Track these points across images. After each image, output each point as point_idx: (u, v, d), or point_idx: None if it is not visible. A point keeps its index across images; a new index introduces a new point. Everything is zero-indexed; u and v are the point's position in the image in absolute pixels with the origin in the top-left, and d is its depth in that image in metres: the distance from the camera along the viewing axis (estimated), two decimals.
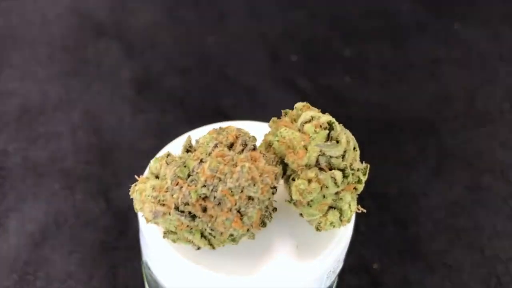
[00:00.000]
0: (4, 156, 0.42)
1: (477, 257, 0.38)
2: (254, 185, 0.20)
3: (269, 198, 0.21)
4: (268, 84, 0.50)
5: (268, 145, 0.23)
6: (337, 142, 0.21)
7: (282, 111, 0.23)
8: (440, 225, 0.40)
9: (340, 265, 0.25)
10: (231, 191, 0.20)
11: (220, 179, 0.20)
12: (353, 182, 0.22)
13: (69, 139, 0.43)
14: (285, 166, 0.22)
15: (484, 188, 0.43)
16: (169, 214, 0.21)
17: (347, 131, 0.22)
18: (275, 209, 0.23)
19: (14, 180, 0.40)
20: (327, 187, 0.21)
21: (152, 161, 0.22)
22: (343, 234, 0.24)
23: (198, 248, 0.22)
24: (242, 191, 0.20)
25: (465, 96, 0.50)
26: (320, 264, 0.23)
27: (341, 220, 0.22)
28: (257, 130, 0.24)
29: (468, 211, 0.41)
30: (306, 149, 0.21)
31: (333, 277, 0.25)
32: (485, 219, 0.41)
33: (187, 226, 0.21)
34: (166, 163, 0.21)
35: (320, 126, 0.21)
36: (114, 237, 0.38)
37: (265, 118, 0.28)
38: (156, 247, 0.23)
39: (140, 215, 0.24)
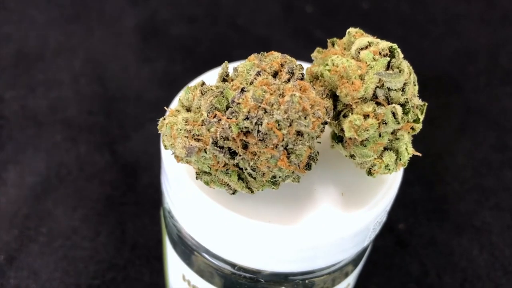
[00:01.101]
0: (0, 104, 0.39)
1: (506, 219, 0.36)
2: (305, 117, 0.17)
3: (318, 136, 0.19)
4: (282, 35, 0.47)
5: (314, 78, 0.20)
6: (399, 71, 0.18)
7: (328, 40, 0.21)
8: (467, 185, 0.38)
9: (385, 217, 0.22)
10: (279, 125, 0.17)
11: (265, 111, 0.17)
12: (411, 120, 0.19)
13: (70, 87, 0.40)
14: (334, 101, 0.19)
15: (511, 148, 0.41)
16: (205, 151, 0.18)
17: (407, 62, 0.19)
18: (317, 153, 0.20)
19: (12, 129, 0.37)
20: (385, 123, 0.18)
21: (183, 91, 0.19)
22: (393, 181, 0.21)
23: (234, 193, 0.19)
24: (291, 125, 0.17)
25: (488, 53, 0.48)
26: (367, 214, 0.20)
27: (396, 164, 0.19)
28: None
29: (495, 171, 0.39)
30: (363, 79, 0.18)
31: (378, 229, 0.22)
32: None
33: (224, 165, 0.18)
34: (201, 92, 0.18)
35: (380, 53, 0.18)
36: (121, 192, 0.35)
37: None
38: (183, 191, 0.20)
39: (165, 154, 0.21)
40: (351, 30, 0.19)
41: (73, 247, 0.32)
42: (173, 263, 0.25)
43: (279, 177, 0.18)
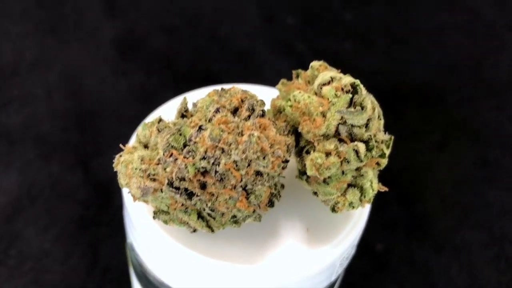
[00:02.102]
0: None
1: (485, 237, 0.36)
2: (264, 158, 0.17)
3: (279, 174, 0.18)
4: (263, 47, 0.46)
5: (277, 111, 0.19)
6: (362, 108, 0.17)
7: (293, 71, 0.20)
8: (447, 202, 0.38)
9: (353, 251, 0.22)
10: (236, 165, 0.17)
11: (223, 150, 0.17)
12: (376, 156, 0.18)
13: (45, 102, 0.39)
14: (297, 136, 0.19)
15: (492, 164, 0.40)
16: (161, 191, 0.17)
17: (371, 96, 0.19)
18: (282, 186, 0.20)
19: None
20: (348, 161, 0.17)
21: (140, 127, 0.18)
22: (360, 216, 0.21)
23: (194, 231, 0.19)
24: (249, 165, 0.17)
25: (471, 65, 0.47)
26: (333, 250, 0.20)
27: (361, 201, 0.19)
28: (260, 94, 0.21)
29: (475, 187, 0.39)
30: (324, 116, 0.18)
31: (346, 263, 0.22)
32: (494, 197, 0.38)
33: (182, 205, 0.18)
34: (158, 130, 0.18)
35: (342, 89, 0.18)
36: (94, 212, 0.34)
37: (259, 83, 0.25)
38: (143, 228, 0.20)
39: (125, 191, 0.20)
40: (314, 63, 0.19)
41: (43, 270, 0.31)
42: None
43: (240, 216, 0.18)
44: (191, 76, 0.44)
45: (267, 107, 0.19)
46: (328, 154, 0.18)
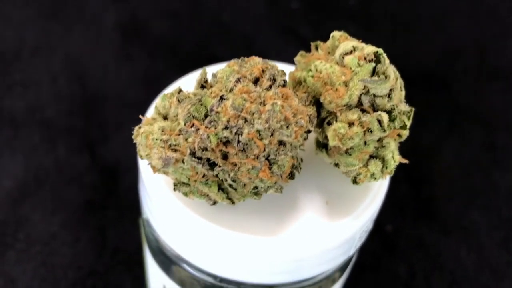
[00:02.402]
0: None
1: (494, 219, 0.36)
2: (287, 127, 0.16)
3: (301, 144, 0.18)
4: (267, 32, 0.46)
5: (297, 83, 0.19)
6: (385, 77, 0.17)
7: (312, 43, 0.20)
8: (455, 185, 0.37)
9: (371, 225, 0.22)
10: (260, 134, 0.16)
11: (246, 120, 0.16)
12: (398, 127, 0.18)
13: (49, 87, 0.39)
14: (318, 107, 0.19)
15: (499, 147, 0.40)
16: (183, 161, 0.17)
17: (393, 67, 0.18)
18: (301, 160, 0.19)
19: None
20: (371, 131, 0.17)
21: (159, 99, 0.18)
22: (380, 188, 0.21)
23: (214, 203, 0.18)
24: (272, 135, 0.16)
25: (476, 49, 0.47)
26: (353, 223, 0.20)
27: (382, 172, 0.19)
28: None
29: (484, 170, 0.39)
30: (347, 85, 0.17)
31: (364, 237, 0.21)
32: (501, 180, 0.38)
33: (203, 176, 0.17)
34: (178, 100, 0.17)
35: (365, 58, 0.17)
36: (102, 196, 0.34)
37: None
38: (161, 201, 0.19)
39: (142, 163, 0.20)
40: (335, 33, 0.19)
41: (51, 254, 0.31)
42: (154, 273, 0.24)
43: (261, 188, 0.18)
44: (195, 61, 0.43)
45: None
46: (351, 124, 0.17)
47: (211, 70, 0.23)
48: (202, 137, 0.17)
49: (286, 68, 0.23)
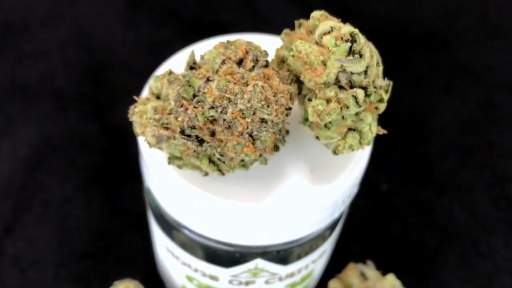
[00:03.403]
0: None
1: (487, 177, 0.37)
2: (268, 106, 0.18)
3: (283, 120, 0.19)
4: None
5: (281, 61, 0.20)
6: (360, 56, 0.18)
7: (296, 21, 0.21)
8: (451, 145, 0.39)
9: (355, 189, 0.23)
10: (243, 113, 0.18)
11: (230, 100, 0.18)
12: (375, 101, 0.19)
13: (58, 57, 0.41)
14: (300, 84, 0.20)
15: (497, 105, 0.41)
16: (174, 138, 0.19)
17: (370, 44, 0.20)
18: (287, 132, 0.21)
19: (2, 101, 0.38)
20: (347, 107, 0.19)
21: (151, 80, 0.19)
22: (361, 157, 0.22)
23: (206, 174, 0.20)
24: (254, 113, 0.18)
25: (478, 7, 0.47)
26: (335, 189, 0.21)
27: (360, 143, 0.20)
28: (266, 44, 0.22)
29: (480, 128, 0.40)
30: (325, 64, 0.19)
31: (348, 201, 0.23)
32: (497, 138, 0.39)
33: (194, 151, 0.19)
34: (168, 82, 0.19)
35: (341, 38, 0.19)
36: (112, 160, 0.36)
37: (268, 33, 0.26)
38: (159, 173, 0.21)
39: (141, 139, 0.22)
40: (315, 13, 0.20)
41: (66, 217, 0.33)
42: (158, 236, 0.26)
43: (247, 160, 0.19)
44: (199, 27, 0.44)
45: (271, 56, 0.20)
46: (328, 100, 0.19)
47: (206, 45, 0.24)
48: (190, 116, 0.18)
49: (279, 42, 0.24)
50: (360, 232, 0.34)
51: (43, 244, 0.32)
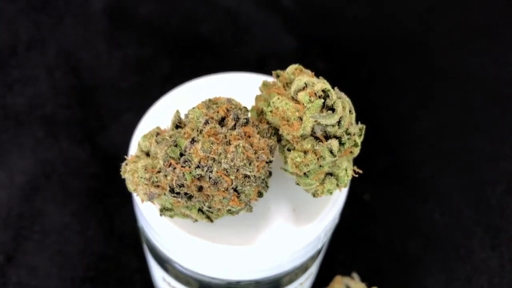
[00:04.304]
0: None
1: (466, 180, 0.39)
2: (250, 164, 0.19)
3: (265, 173, 0.21)
4: (249, 5, 0.47)
5: (260, 112, 0.22)
6: (333, 111, 0.20)
7: (273, 72, 0.22)
8: (431, 150, 0.40)
9: (336, 221, 0.25)
10: (227, 171, 0.19)
11: (214, 160, 0.19)
12: (350, 146, 0.21)
13: (46, 82, 0.42)
14: (279, 135, 0.21)
15: (477, 109, 0.43)
16: (164, 194, 0.20)
17: (342, 94, 0.21)
18: (270, 174, 0.22)
19: None
20: (324, 158, 0.20)
21: (141, 139, 0.21)
22: (340, 195, 0.24)
23: (196, 221, 0.22)
24: (238, 170, 0.19)
25: (456, 8, 0.49)
26: (317, 226, 0.23)
27: (338, 186, 0.22)
28: (249, 82, 0.23)
29: (460, 133, 0.41)
30: (301, 119, 0.20)
31: (329, 233, 0.25)
32: (475, 142, 0.41)
33: (184, 204, 0.20)
34: (156, 142, 0.20)
35: (315, 94, 0.20)
36: (105, 184, 0.37)
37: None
38: (152, 221, 0.23)
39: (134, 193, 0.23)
40: (290, 68, 0.21)
41: (66, 242, 0.35)
42: (154, 267, 0.27)
43: (234, 210, 0.21)
44: (182, 42, 0.45)
45: (250, 97, 0.21)
46: (306, 152, 0.20)
47: (188, 87, 0.25)
48: (178, 175, 0.19)
49: (258, 78, 0.25)
50: (345, 242, 0.36)
51: (44, 271, 0.34)
